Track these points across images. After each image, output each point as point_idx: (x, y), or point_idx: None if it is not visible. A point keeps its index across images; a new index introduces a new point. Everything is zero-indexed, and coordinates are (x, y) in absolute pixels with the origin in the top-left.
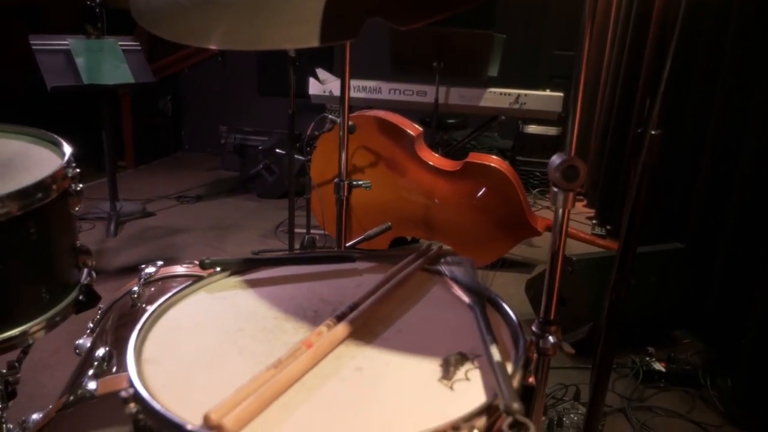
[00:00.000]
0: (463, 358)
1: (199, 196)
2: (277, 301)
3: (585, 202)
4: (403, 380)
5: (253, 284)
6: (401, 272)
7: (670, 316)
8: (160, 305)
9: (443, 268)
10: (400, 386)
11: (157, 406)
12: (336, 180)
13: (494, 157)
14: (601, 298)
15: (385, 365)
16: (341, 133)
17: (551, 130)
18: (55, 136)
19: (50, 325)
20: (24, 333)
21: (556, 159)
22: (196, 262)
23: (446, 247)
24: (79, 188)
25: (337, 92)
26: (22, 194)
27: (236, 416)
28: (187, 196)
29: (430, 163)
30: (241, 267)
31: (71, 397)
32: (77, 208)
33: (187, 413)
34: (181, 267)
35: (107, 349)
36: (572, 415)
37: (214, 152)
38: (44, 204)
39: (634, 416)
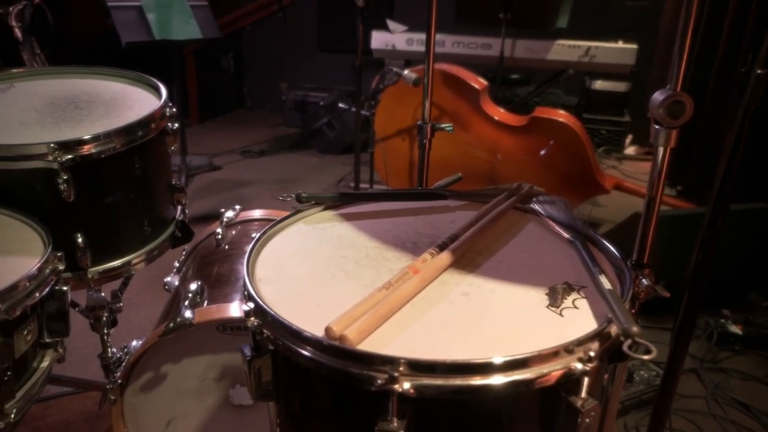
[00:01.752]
0: (569, 287)
1: (262, 151)
2: (375, 233)
3: None
4: (511, 305)
5: (348, 217)
6: (495, 209)
7: (747, 278)
8: (264, 234)
9: (537, 206)
10: (509, 310)
11: (280, 316)
12: (419, 123)
13: (562, 111)
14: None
15: (491, 291)
16: (425, 78)
17: (620, 86)
18: (152, 78)
19: (149, 258)
20: (127, 263)
21: (659, 95)
22: (292, 196)
23: (537, 187)
24: (175, 127)
25: (400, 46)
26: (127, 131)
27: (357, 329)
28: (251, 150)
29: (495, 117)
30: (335, 202)
31: (171, 324)
32: (173, 147)
33: (306, 326)
34: (257, 211)
35: (199, 283)
36: (642, 372)
37: (275, 109)
38: (145, 141)
39: (708, 377)
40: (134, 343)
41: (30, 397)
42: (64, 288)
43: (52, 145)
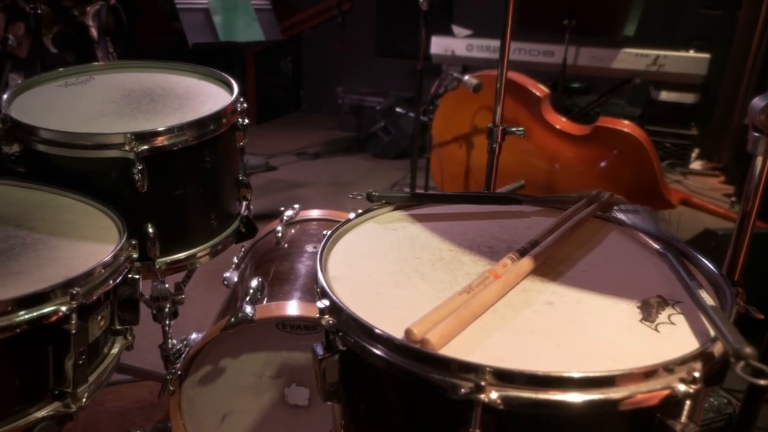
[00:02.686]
0: (663, 301)
1: (317, 154)
2: (449, 236)
3: (723, 179)
4: (601, 318)
5: (419, 219)
6: (575, 216)
7: None
8: (335, 231)
9: (621, 215)
10: (599, 323)
11: (358, 316)
12: (489, 126)
13: (626, 122)
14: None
15: (577, 302)
16: (498, 84)
17: (688, 98)
18: (224, 74)
19: (214, 252)
20: (193, 256)
21: (760, 101)
22: (362, 195)
23: (617, 195)
24: (245, 123)
25: (459, 52)
26: (199, 124)
27: (440, 333)
28: (306, 152)
29: (557, 126)
30: (406, 202)
31: (232, 319)
32: (242, 143)
33: (383, 327)
34: (315, 211)
35: (259, 280)
36: (711, 398)
37: (331, 112)
38: (216, 135)
39: None
40: (194, 335)
41: (100, 382)
42: (137, 276)
43: (128, 135)
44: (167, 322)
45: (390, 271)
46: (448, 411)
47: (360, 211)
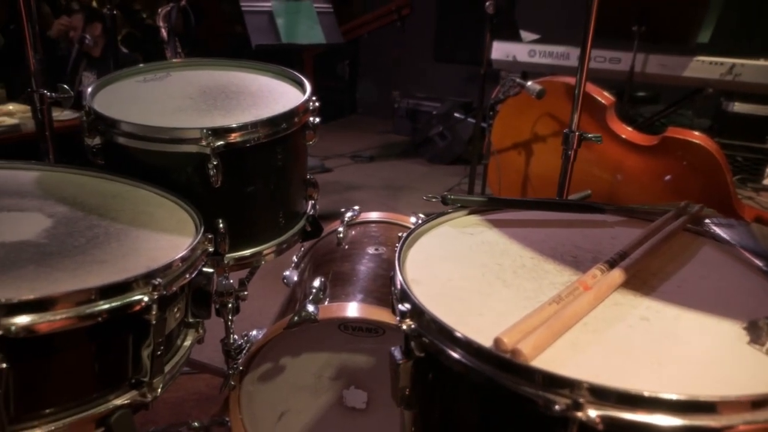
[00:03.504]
0: None
1: (371, 157)
2: (529, 243)
3: None
4: (702, 337)
5: (496, 224)
6: (664, 228)
7: None
8: (411, 233)
9: (717, 229)
10: (701, 343)
11: (445, 323)
12: (565, 131)
13: (697, 133)
14: None
15: (675, 319)
16: (576, 90)
17: (764, 110)
18: (296, 73)
19: (279, 250)
20: (259, 254)
21: None
22: (437, 198)
23: (708, 208)
24: (316, 122)
25: (521, 58)
26: (272, 122)
27: (532, 343)
28: (361, 155)
29: (623, 135)
30: (482, 206)
31: (295, 318)
32: (311, 142)
33: (468, 334)
34: (374, 213)
35: (322, 280)
36: None
37: (386, 116)
38: (288, 133)
39: None
40: (254, 332)
41: (173, 373)
42: (211, 270)
43: (205, 130)
44: (230, 318)
45: (471, 277)
46: (539, 427)
47: (421, 214)
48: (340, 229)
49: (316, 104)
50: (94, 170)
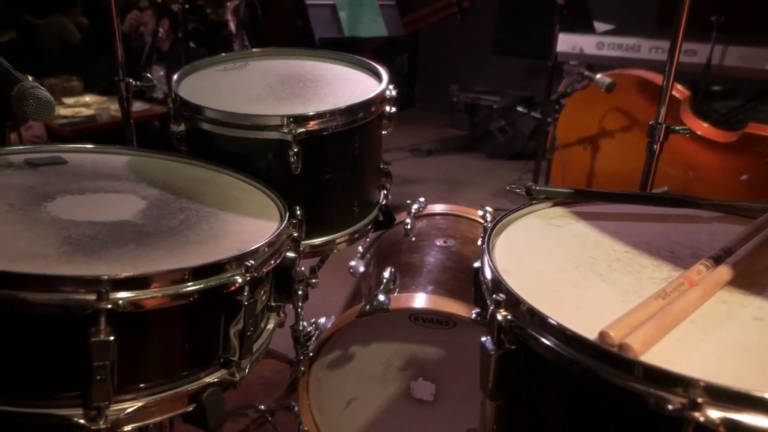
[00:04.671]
0: None
1: (429, 151)
2: (621, 236)
3: None
4: None
5: (584, 216)
6: None
7: None
8: (497, 223)
9: None
10: None
11: (546, 314)
12: (651, 123)
13: None
14: None
15: None
16: (665, 80)
17: None
18: (372, 62)
19: (351, 240)
20: (332, 242)
21: None
22: (521, 188)
23: None
24: (392, 111)
25: (588, 50)
26: (350, 111)
27: (641, 338)
28: (419, 149)
29: (698, 132)
30: (568, 198)
31: (367, 307)
32: (386, 131)
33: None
34: (439, 206)
35: (392, 270)
36: None
37: (444, 110)
38: (365, 122)
39: None
40: (323, 320)
41: (258, 355)
42: (294, 255)
43: (288, 118)
44: (300, 305)
45: (563, 269)
46: (646, 426)
47: (488, 208)
48: (408, 220)
49: (393, 93)
50: (180, 156)
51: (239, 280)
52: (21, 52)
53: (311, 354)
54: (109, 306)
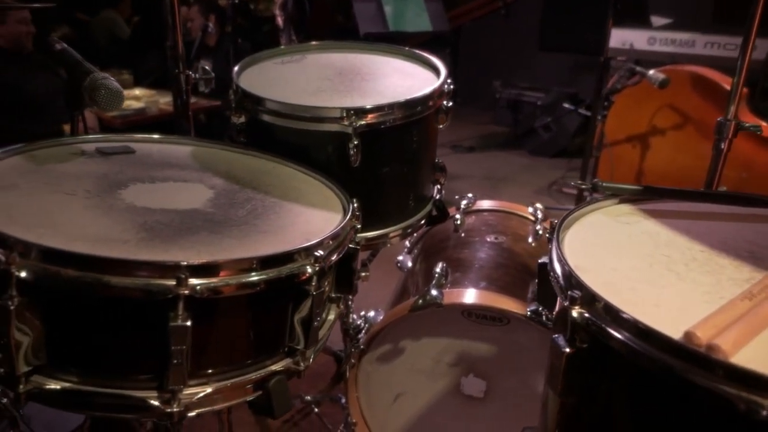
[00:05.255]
0: None
1: (471, 147)
2: (695, 235)
3: None
4: None
5: (653, 214)
6: None
7: None
8: (564, 220)
9: None
10: None
11: (626, 312)
12: (720, 119)
13: None
14: None
15: None
16: (736, 75)
17: None
18: (429, 56)
19: (404, 234)
20: (385, 235)
21: None
22: (587, 185)
23: None
24: (449, 105)
25: (639, 45)
26: (409, 105)
27: (732, 340)
28: (461, 146)
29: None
30: (636, 195)
31: (420, 301)
32: (442, 125)
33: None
34: (487, 202)
35: (444, 265)
36: None
37: (486, 106)
38: (423, 116)
39: None
40: (372, 313)
41: (320, 345)
42: (357, 247)
43: (349, 110)
44: (350, 298)
45: (638, 267)
46: (734, 430)
47: (538, 205)
48: (458, 216)
49: (451, 87)
50: (240, 147)
51: (309, 270)
52: (74, 48)
53: (362, 347)
54: (188, 292)
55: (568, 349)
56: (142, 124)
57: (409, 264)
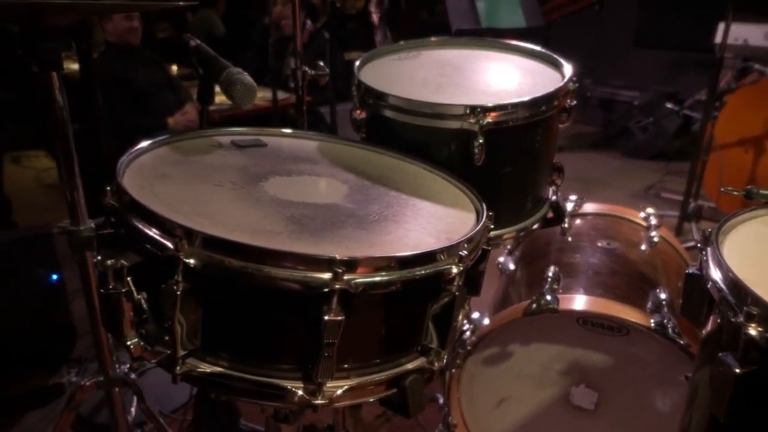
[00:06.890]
0: None
1: (560, 147)
2: None
3: None
4: None
5: None
6: None
7: None
8: (719, 230)
9: None
10: None
11: None
12: None
13: None
14: None
15: None
16: None
17: None
18: (551, 54)
19: (518, 236)
20: (499, 237)
21: None
22: (740, 191)
23: None
24: (573, 104)
25: (754, 41)
26: (533, 104)
27: None
28: None
29: None
30: None
31: (534, 306)
32: (563, 125)
33: None
34: (591, 205)
35: (555, 270)
36: None
37: (576, 105)
38: (547, 116)
39: None
40: (476, 314)
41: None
42: (488, 248)
43: (473, 107)
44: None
45: None
46: None
47: (650, 210)
48: (566, 219)
49: (576, 86)
50: (363, 143)
51: (454, 270)
52: (174, 46)
53: (468, 348)
54: (344, 286)
55: (738, 370)
56: (238, 119)
57: (511, 266)
